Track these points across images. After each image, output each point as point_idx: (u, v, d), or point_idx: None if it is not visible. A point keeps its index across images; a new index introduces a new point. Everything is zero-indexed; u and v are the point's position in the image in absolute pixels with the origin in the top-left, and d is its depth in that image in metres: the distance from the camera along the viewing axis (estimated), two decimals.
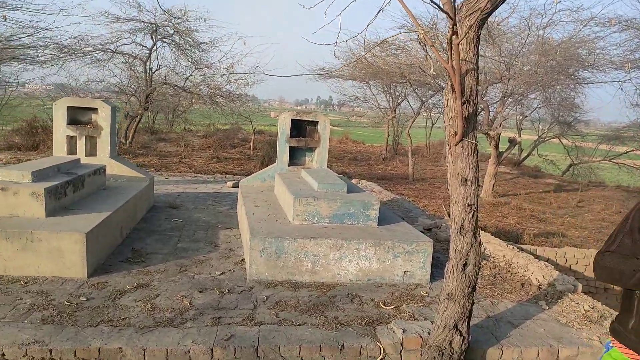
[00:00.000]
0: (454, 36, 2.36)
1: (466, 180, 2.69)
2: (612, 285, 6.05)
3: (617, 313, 2.03)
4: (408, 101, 20.82)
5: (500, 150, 13.49)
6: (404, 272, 4.00)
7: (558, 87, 13.07)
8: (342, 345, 2.87)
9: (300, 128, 6.20)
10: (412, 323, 3.13)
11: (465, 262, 2.71)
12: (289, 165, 6.01)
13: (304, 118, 6.07)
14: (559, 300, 3.83)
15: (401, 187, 13.84)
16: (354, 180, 9.35)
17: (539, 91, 13.25)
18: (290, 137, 5.97)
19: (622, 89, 15.53)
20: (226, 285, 3.69)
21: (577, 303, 3.77)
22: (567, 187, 16.78)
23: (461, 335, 2.75)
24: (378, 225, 4.38)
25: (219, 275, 3.89)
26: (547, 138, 20.34)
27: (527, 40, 11.15)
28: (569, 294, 3.96)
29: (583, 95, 17.73)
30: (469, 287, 2.73)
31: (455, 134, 2.65)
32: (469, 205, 2.70)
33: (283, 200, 4.90)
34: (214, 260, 4.25)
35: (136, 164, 10.75)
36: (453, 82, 2.51)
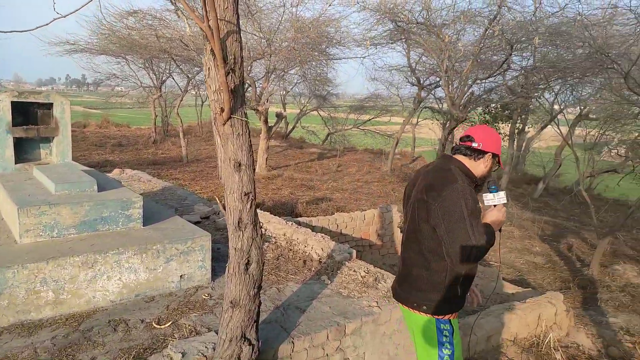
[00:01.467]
0: None
1: (240, 164, 2.29)
2: (376, 242, 6.78)
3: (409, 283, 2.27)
4: (173, 78, 19.58)
5: (270, 125, 13.90)
6: (181, 276, 3.44)
7: (314, 62, 14.10)
8: None
9: (29, 113, 4.80)
10: (193, 340, 2.64)
11: (248, 260, 2.34)
12: (18, 163, 4.60)
13: (32, 100, 4.70)
14: (339, 271, 3.92)
15: (176, 171, 12.97)
16: (116, 171, 8.09)
17: (298, 67, 14.06)
18: (13, 126, 4.54)
19: (363, 64, 17.95)
20: None
21: (354, 271, 3.92)
22: (327, 155, 18.66)
23: (250, 344, 2.40)
24: (144, 225, 3.66)
25: None
26: (308, 111, 22.20)
27: (283, 18, 11.55)
28: (346, 263, 4.10)
29: (334, 70, 19.85)
30: (254, 288, 2.38)
31: (222, 110, 2.20)
32: (245, 194, 2.32)
33: (6, 213, 3.65)
34: None
35: None
36: (212, 46, 2.04)
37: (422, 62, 15.23)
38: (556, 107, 13.94)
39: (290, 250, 4.39)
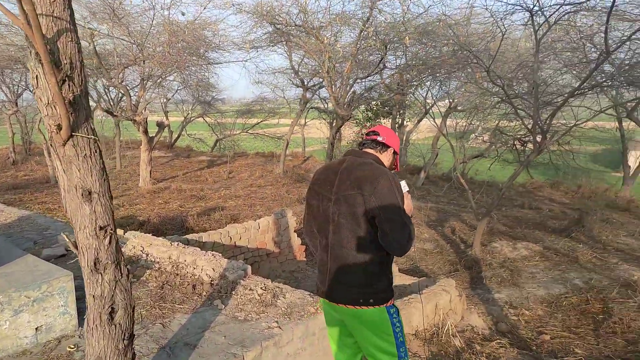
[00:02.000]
0: None
1: (90, 193, 1.87)
2: (273, 250, 6.52)
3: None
4: (31, 90, 17.28)
5: (151, 135, 12.91)
6: (36, 328, 2.84)
7: (193, 67, 13.40)
8: None
9: None
10: None
11: (112, 308, 1.93)
12: None
13: None
14: (233, 292, 3.59)
15: (42, 194, 11.45)
16: None
17: (176, 72, 13.26)
18: None
19: (245, 68, 17.62)
20: None
21: (251, 289, 3.62)
22: (217, 162, 17.94)
23: None
24: None
25: None
26: (193, 118, 21.20)
27: (155, 21, 10.76)
28: (241, 281, 3.79)
29: (216, 75, 19.20)
30: (124, 339, 1.97)
31: (60, 127, 1.76)
32: (101, 228, 1.90)
33: None
34: None
35: None
36: (37, 48, 1.61)
37: (304, 64, 15.34)
38: (429, 101, 15.03)
39: (177, 275, 3.95)
